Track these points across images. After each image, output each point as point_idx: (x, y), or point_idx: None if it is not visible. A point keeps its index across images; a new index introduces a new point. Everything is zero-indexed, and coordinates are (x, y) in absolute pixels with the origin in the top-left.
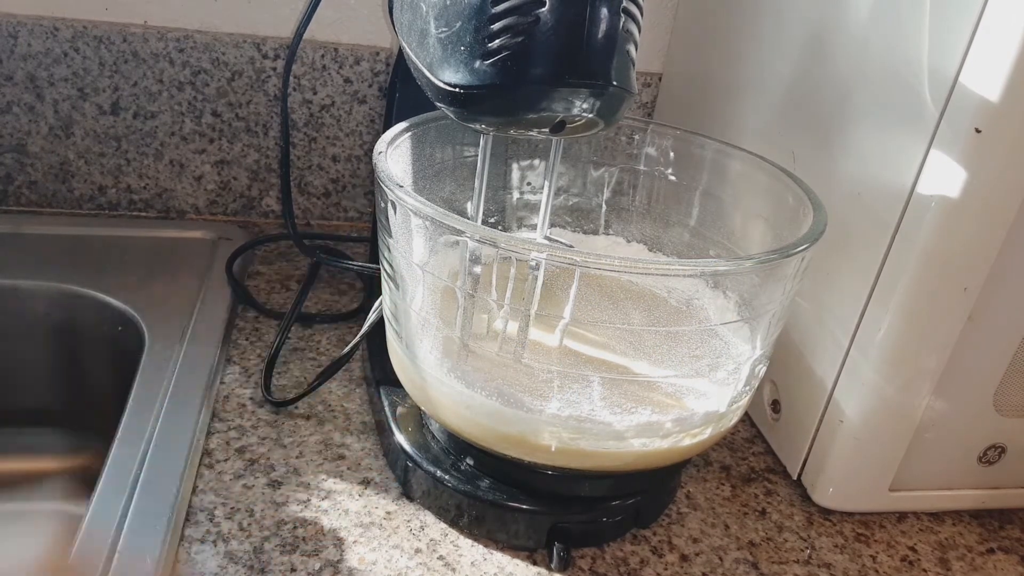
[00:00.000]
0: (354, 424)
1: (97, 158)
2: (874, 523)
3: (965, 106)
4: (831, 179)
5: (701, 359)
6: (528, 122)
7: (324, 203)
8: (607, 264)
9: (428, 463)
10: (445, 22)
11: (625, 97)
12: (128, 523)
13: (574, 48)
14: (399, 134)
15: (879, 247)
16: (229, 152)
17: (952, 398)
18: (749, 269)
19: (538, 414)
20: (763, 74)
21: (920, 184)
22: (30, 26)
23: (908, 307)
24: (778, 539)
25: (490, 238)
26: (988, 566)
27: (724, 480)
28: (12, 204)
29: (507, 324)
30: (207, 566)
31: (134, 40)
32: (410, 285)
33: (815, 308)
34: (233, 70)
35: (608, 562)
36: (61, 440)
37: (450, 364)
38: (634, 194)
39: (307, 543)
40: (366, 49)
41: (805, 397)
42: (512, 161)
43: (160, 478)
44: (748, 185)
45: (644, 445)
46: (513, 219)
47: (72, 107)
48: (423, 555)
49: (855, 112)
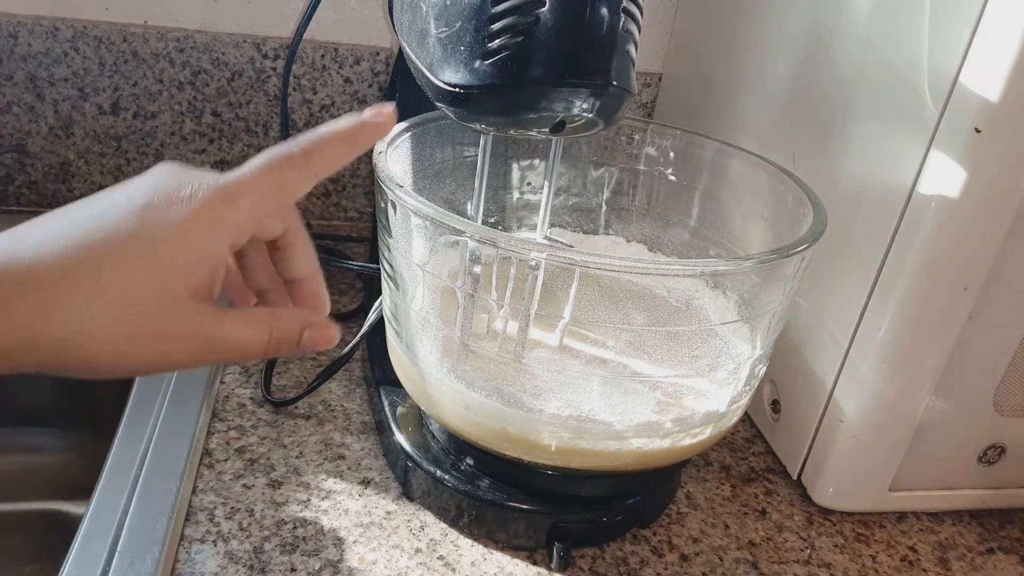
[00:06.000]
0: (354, 424)
1: (97, 158)
2: (874, 523)
3: (965, 106)
4: (831, 179)
5: (701, 359)
6: (528, 122)
7: (324, 203)
8: (607, 264)
9: (428, 463)
10: (445, 22)
11: (625, 97)
12: (128, 523)
13: (574, 48)
14: (399, 134)
15: (879, 247)
16: (229, 152)
17: (952, 398)
18: (749, 269)
19: (538, 414)
20: (763, 74)
21: (920, 184)
22: (30, 26)
23: (908, 307)
24: (778, 539)
25: (490, 238)
26: (988, 566)
27: (724, 480)
28: (12, 204)
29: (507, 324)
30: (207, 566)
31: (134, 40)
32: (410, 285)
33: (815, 308)
34: (233, 70)
35: (608, 562)
36: (61, 440)
37: (450, 364)
38: (634, 194)
39: (307, 543)
40: (366, 49)
41: (805, 397)
42: (512, 161)
43: (160, 478)
44: (748, 185)
45: (644, 445)
46: (513, 219)
47: (72, 107)
48: (423, 555)
49: (855, 112)
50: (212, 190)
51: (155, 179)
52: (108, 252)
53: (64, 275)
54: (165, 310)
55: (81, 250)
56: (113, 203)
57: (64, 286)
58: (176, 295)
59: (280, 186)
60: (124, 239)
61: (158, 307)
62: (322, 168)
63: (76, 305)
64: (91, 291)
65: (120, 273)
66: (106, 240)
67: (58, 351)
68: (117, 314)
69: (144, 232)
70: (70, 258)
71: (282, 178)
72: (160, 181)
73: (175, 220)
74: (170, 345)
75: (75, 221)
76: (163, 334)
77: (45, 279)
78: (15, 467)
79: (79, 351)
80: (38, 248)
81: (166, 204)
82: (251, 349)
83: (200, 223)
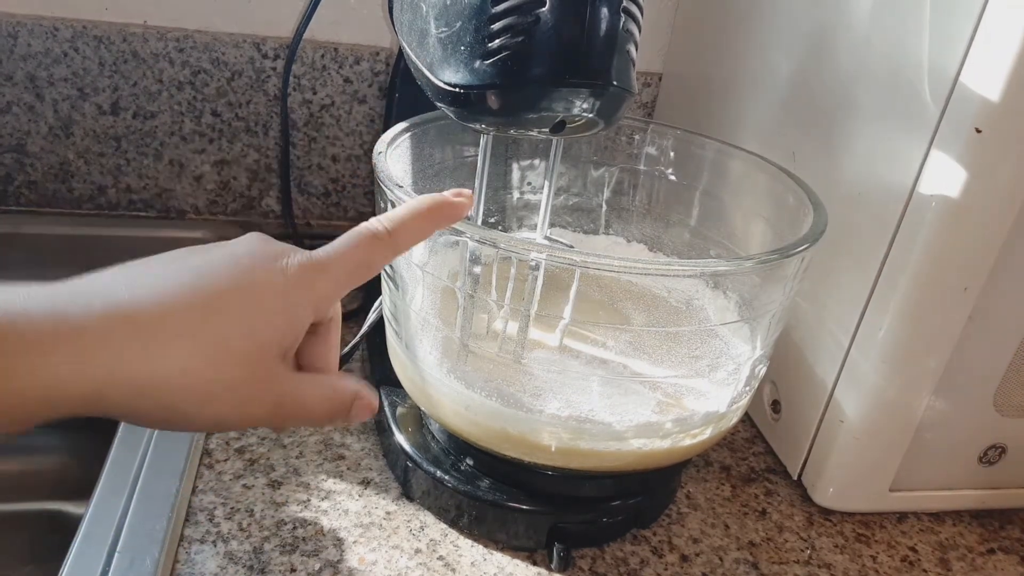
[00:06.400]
0: (354, 424)
1: (97, 158)
2: (874, 523)
3: (965, 106)
4: (831, 179)
5: (701, 359)
6: (528, 122)
7: (324, 203)
8: (607, 264)
9: (428, 463)
10: (445, 22)
11: (625, 97)
12: (128, 523)
13: (574, 48)
14: (399, 134)
15: (879, 247)
16: (229, 152)
17: (952, 398)
18: (749, 269)
19: (538, 414)
20: (763, 74)
21: (920, 184)
22: (30, 26)
23: (908, 307)
24: (778, 539)
25: (490, 238)
26: (988, 566)
27: (724, 480)
28: (12, 204)
29: (507, 324)
30: (207, 566)
31: (134, 40)
32: (410, 285)
33: (815, 308)
34: (233, 70)
35: (608, 562)
36: (61, 440)
37: (450, 364)
38: (634, 194)
39: (307, 543)
40: (366, 49)
41: (805, 397)
42: (512, 161)
43: (160, 478)
44: (748, 185)
45: (644, 445)
46: (513, 219)
47: (72, 107)
48: (423, 555)
49: (855, 112)
50: (306, 260)
51: (252, 244)
52: (212, 300)
53: (163, 318)
54: (255, 364)
55: (186, 295)
56: (215, 258)
57: (161, 329)
58: (269, 351)
59: (366, 261)
60: (230, 291)
61: (249, 360)
62: (405, 244)
63: (172, 348)
64: (188, 335)
65: (221, 320)
66: (211, 289)
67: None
68: (210, 360)
69: (248, 288)
70: (172, 302)
71: (369, 253)
72: (258, 246)
73: (276, 282)
74: (251, 397)
75: (178, 269)
76: (248, 386)
77: (143, 321)
78: (15, 467)
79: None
80: (137, 292)
81: (267, 267)
82: (316, 415)
83: (296, 288)
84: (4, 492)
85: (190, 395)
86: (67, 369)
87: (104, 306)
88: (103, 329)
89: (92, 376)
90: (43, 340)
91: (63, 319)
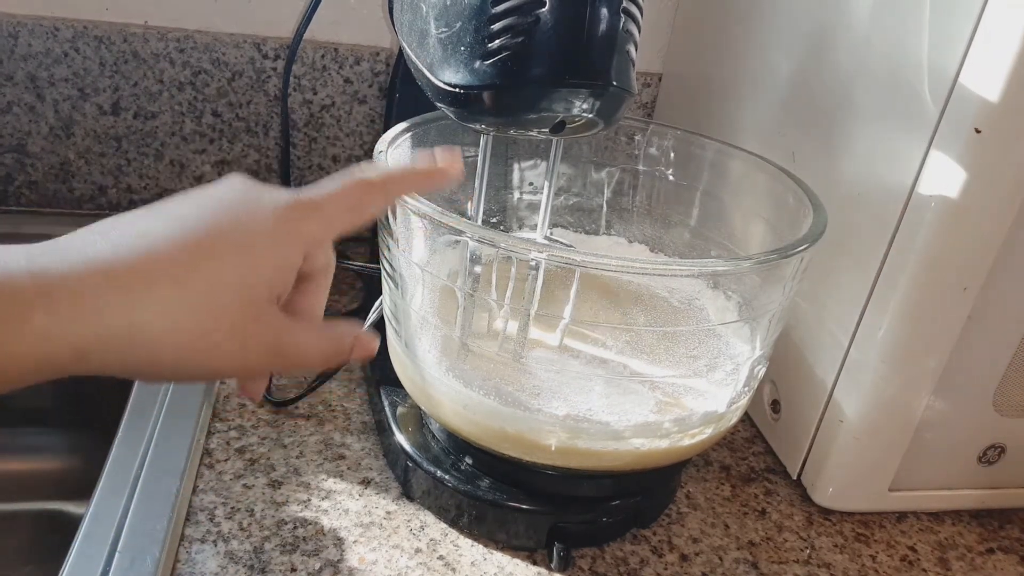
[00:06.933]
0: (354, 424)
1: (97, 158)
2: (874, 523)
3: (965, 106)
4: (831, 179)
5: (700, 359)
6: (528, 122)
7: None
8: (607, 264)
9: (428, 463)
10: (445, 22)
11: (625, 97)
12: (128, 523)
13: (574, 48)
14: (399, 134)
15: (879, 247)
16: (229, 152)
17: (951, 398)
18: (749, 269)
19: (537, 413)
20: (763, 74)
21: (920, 184)
22: (30, 26)
23: (908, 307)
24: (778, 539)
25: (490, 238)
26: (988, 566)
27: (724, 480)
28: (12, 204)
29: (507, 324)
30: (207, 566)
31: (134, 40)
32: (410, 285)
33: (815, 308)
34: (233, 70)
35: (608, 562)
36: (61, 440)
37: (449, 363)
38: (635, 194)
39: (307, 543)
40: (366, 49)
41: (805, 397)
42: (513, 161)
43: (160, 478)
44: (748, 185)
45: (643, 445)
46: (514, 219)
47: (72, 107)
48: (423, 555)
49: (855, 112)
50: (293, 202)
51: (235, 188)
52: (201, 246)
53: (147, 270)
54: (246, 309)
55: (172, 245)
56: (199, 205)
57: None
58: (259, 296)
59: (357, 204)
60: (218, 235)
61: (239, 305)
62: (396, 192)
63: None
64: (176, 285)
65: (211, 266)
66: (197, 236)
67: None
68: (201, 308)
69: (236, 234)
70: (157, 254)
71: (360, 196)
72: (241, 190)
73: (263, 227)
74: (246, 342)
75: (162, 220)
76: (243, 331)
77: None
78: (15, 468)
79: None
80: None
81: (252, 211)
82: (312, 358)
83: (284, 231)
84: (4, 492)
85: (182, 345)
86: (47, 326)
87: (84, 261)
88: (82, 284)
89: (77, 333)
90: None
91: (42, 275)
